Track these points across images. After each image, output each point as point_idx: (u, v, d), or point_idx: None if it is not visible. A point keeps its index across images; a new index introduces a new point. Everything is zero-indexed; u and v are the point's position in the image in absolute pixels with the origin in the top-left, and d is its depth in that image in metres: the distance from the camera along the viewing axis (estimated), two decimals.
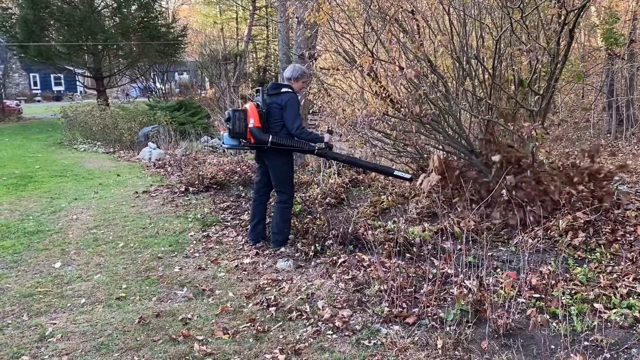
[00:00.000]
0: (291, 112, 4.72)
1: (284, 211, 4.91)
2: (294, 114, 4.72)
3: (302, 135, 4.75)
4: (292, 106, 4.72)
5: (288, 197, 4.94)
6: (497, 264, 4.14)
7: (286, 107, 4.72)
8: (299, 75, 4.90)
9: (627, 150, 13.27)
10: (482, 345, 2.97)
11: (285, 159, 4.89)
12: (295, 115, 4.72)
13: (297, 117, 4.72)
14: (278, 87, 4.88)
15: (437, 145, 6.13)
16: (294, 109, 4.73)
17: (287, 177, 4.94)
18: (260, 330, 3.35)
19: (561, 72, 4.90)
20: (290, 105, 4.72)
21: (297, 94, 4.87)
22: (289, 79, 4.89)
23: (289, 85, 4.88)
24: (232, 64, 23.45)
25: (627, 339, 2.95)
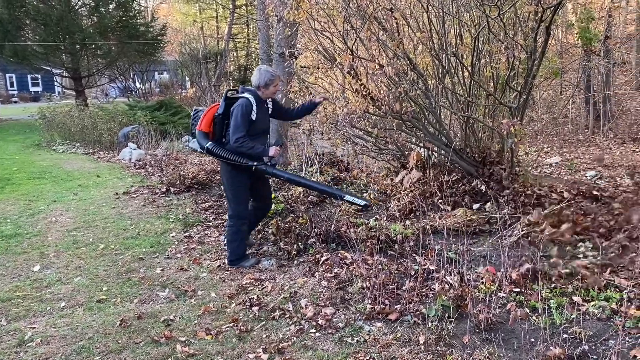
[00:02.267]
0: (234, 121, 4.25)
1: (228, 230, 4.56)
2: (236, 124, 4.23)
3: (242, 149, 4.26)
4: (236, 115, 4.24)
5: (232, 214, 4.51)
6: (478, 259, 4.18)
7: (231, 115, 4.31)
8: (268, 81, 4.35)
9: (604, 145, 13.50)
10: (464, 340, 3.00)
11: (229, 171, 4.44)
12: (236, 126, 4.23)
13: (237, 128, 4.22)
14: (242, 91, 4.46)
15: (418, 143, 6.17)
16: (237, 119, 4.24)
17: (231, 192, 4.50)
18: (243, 330, 3.34)
19: (538, 69, 4.97)
20: (235, 113, 4.26)
21: (251, 103, 4.30)
22: (257, 87, 4.38)
23: (252, 90, 4.40)
24: (213, 63, 23.30)
25: (604, 331, 3.00)
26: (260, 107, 4.39)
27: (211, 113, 4.44)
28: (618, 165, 10.93)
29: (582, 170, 10.54)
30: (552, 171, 10.83)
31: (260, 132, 4.52)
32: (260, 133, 4.51)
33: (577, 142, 14.16)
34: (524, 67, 4.95)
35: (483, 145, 5.59)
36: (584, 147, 13.55)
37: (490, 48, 5.08)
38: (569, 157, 12.13)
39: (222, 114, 4.40)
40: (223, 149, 4.37)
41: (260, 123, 4.42)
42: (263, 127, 4.55)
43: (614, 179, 8.92)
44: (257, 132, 4.44)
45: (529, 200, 4.82)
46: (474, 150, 5.60)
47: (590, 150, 13.12)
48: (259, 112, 4.38)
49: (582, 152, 12.94)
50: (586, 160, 11.87)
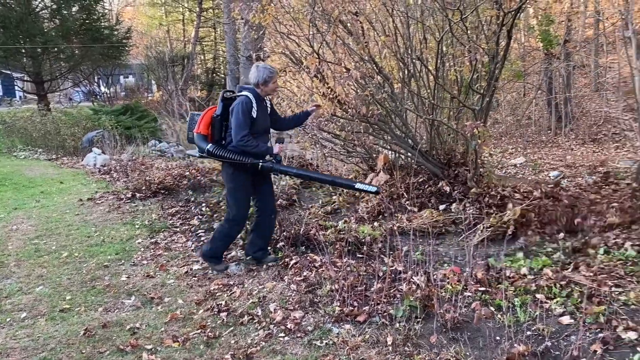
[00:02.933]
0: (235, 119, 4.11)
1: (219, 229, 4.49)
2: (237, 122, 4.10)
3: (248, 148, 4.14)
4: (237, 113, 4.11)
5: (229, 218, 4.39)
6: (444, 260, 4.24)
7: (232, 114, 4.18)
8: (267, 78, 4.20)
9: (566, 146, 13.89)
10: (431, 340, 3.04)
11: (230, 173, 4.31)
12: (238, 124, 4.09)
13: (240, 127, 4.09)
14: (240, 90, 4.31)
15: (385, 145, 6.23)
16: (238, 117, 4.10)
17: (232, 195, 4.35)
18: (211, 336, 3.31)
19: (501, 72, 5.07)
20: (235, 112, 4.13)
21: (251, 100, 4.17)
22: (256, 84, 4.22)
23: (250, 88, 4.26)
24: (180, 66, 23.06)
25: (566, 327, 3.07)
26: (260, 105, 4.24)
27: (209, 115, 4.31)
28: (580, 165, 11.26)
29: (545, 171, 10.82)
30: (516, 172, 11.08)
31: (262, 131, 4.36)
32: (261, 132, 4.35)
33: (540, 143, 14.53)
34: (487, 70, 5.05)
35: (448, 147, 5.68)
36: (547, 148, 13.91)
37: (454, 52, 5.17)
38: (532, 158, 12.43)
39: (220, 114, 4.28)
40: (225, 150, 4.23)
41: (261, 121, 4.27)
42: (264, 126, 4.38)
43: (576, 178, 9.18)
44: (259, 130, 4.28)
45: (493, 200, 4.92)
46: (439, 152, 5.68)
47: (553, 151, 13.48)
48: (259, 110, 4.22)
49: (545, 153, 13.29)
50: (549, 161, 12.19)
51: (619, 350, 2.77)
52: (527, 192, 5.06)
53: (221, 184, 7.39)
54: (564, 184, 7.16)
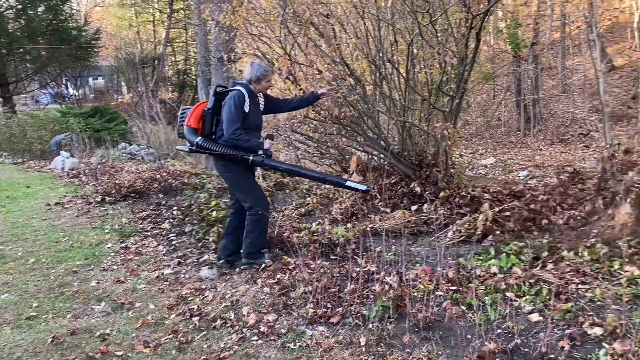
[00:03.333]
0: (227, 113, 4.11)
1: (248, 220, 4.34)
2: (230, 116, 4.10)
3: (239, 141, 4.14)
4: (229, 107, 4.11)
5: (250, 205, 4.28)
6: (416, 260, 4.28)
7: (223, 108, 4.18)
8: (260, 75, 4.20)
9: (535, 146, 14.19)
10: (404, 340, 3.06)
11: (224, 165, 4.33)
12: (230, 118, 4.10)
13: (232, 120, 4.09)
14: (233, 85, 4.31)
15: (358, 147, 6.26)
16: (230, 111, 4.10)
17: (236, 185, 4.35)
18: (183, 341, 3.27)
19: (470, 74, 5.15)
20: (227, 106, 4.13)
21: (243, 94, 4.17)
22: (249, 80, 4.23)
23: (243, 83, 4.26)
24: (150, 68, 22.76)
25: (535, 325, 3.13)
26: (252, 100, 4.23)
27: (200, 108, 4.29)
28: (548, 165, 11.52)
29: (515, 171, 11.04)
30: (487, 172, 11.28)
31: (254, 127, 4.33)
32: (253, 128, 4.32)
33: (510, 143, 14.81)
34: (456, 73, 5.12)
35: (419, 149, 5.74)
36: (516, 149, 14.20)
37: (424, 54, 5.23)
38: (502, 158, 12.66)
39: (211, 108, 4.25)
40: (215, 143, 4.21)
41: (253, 117, 4.26)
42: (256, 122, 4.37)
43: (544, 178, 9.38)
44: (250, 126, 4.26)
45: (463, 200, 4.99)
46: (411, 153, 5.73)
47: (522, 152, 13.76)
48: (252, 105, 4.21)
49: (514, 153, 13.55)
50: (519, 161, 12.43)
51: (586, 346, 2.84)
52: (496, 192, 5.15)
53: (192, 187, 7.32)
54: (533, 184, 7.32)
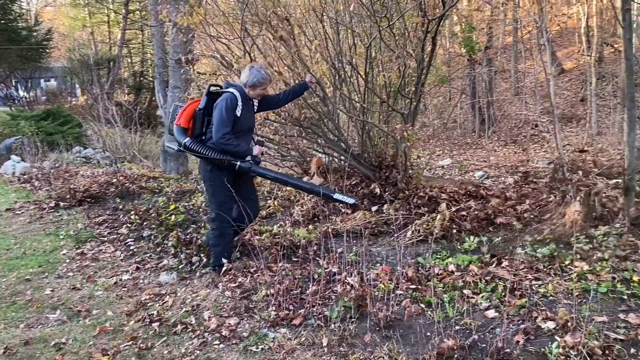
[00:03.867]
0: (218, 116, 3.99)
1: (211, 234, 4.35)
2: (220, 119, 3.98)
3: (227, 146, 4.02)
4: (220, 110, 3.99)
5: (213, 217, 4.26)
6: (377, 260, 4.34)
7: (214, 110, 4.07)
8: (257, 82, 4.11)
9: (489, 147, 14.57)
10: (365, 339, 3.10)
11: (208, 170, 4.20)
12: (221, 122, 3.98)
13: (222, 124, 3.97)
14: (227, 86, 4.21)
15: (319, 149, 6.29)
16: (221, 114, 3.98)
17: (211, 192, 4.26)
18: (143, 347, 3.21)
19: (426, 77, 5.26)
20: (219, 108, 4.01)
21: (236, 97, 4.06)
22: (244, 84, 4.14)
23: (238, 86, 4.16)
24: (105, 70, 22.19)
25: (492, 320, 3.23)
26: (245, 103, 4.12)
27: (192, 108, 4.16)
28: (502, 165, 11.85)
29: (471, 171, 11.30)
30: (444, 173, 11.51)
31: (245, 130, 4.24)
32: (245, 131, 4.23)
33: (466, 145, 15.17)
34: (414, 76, 5.22)
35: (379, 150, 5.82)
36: (472, 150, 14.54)
37: (382, 57, 5.31)
38: (459, 159, 12.95)
39: (203, 108, 4.13)
40: (203, 146, 4.10)
41: (244, 120, 4.15)
42: (248, 126, 4.27)
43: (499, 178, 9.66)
44: (242, 130, 4.17)
45: (421, 201, 5.09)
46: (370, 155, 5.81)
47: (477, 153, 14.11)
48: (244, 108, 4.10)
49: (470, 154, 13.88)
50: (474, 162, 12.74)
51: (539, 340, 2.95)
52: (453, 192, 5.28)
53: (150, 191, 7.20)
54: (488, 184, 7.52)
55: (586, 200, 4.42)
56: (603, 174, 6.27)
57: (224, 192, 4.18)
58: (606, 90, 14.98)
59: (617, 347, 2.75)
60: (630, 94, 4.23)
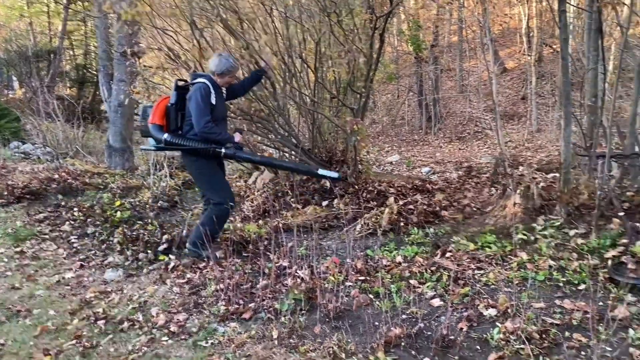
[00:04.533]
0: (196, 106, 3.99)
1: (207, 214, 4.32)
2: (197, 109, 3.99)
3: (211, 135, 4.06)
4: (197, 100, 3.99)
5: (218, 201, 4.24)
6: (327, 253, 4.39)
7: (190, 101, 4.06)
8: (225, 71, 4.16)
9: (435, 144, 14.95)
10: (315, 330, 3.13)
11: (194, 161, 4.25)
12: (199, 111, 3.98)
13: (202, 113, 3.98)
14: (195, 77, 4.22)
15: (270, 144, 6.28)
16: (198, 103, 3.99)
17: (205, 181, 4.30)
18: (87, 346, 3.13)
19: (375, 73, 5.35)
20: (194, 98, 4.01)
21: (209, 86, 4.08)
22: (212, 72, 4.17)
23: (206, 75, 4.18)
24: (46, 62, 21.29)
25: (437, 309, 3.34)
26: (217, 92, 4.15)
27: (163, 104, 4.17)
28: (448, 161, 12.18)
29: (418, 167, 11.57)
30: (392, 169, 11.73)
31: (220, 118, 4.24)
32: (220, 119, 4.24)
33: (413, 141, 15.50)
34: (363, 72, 5.30)
35: (329, 146, 5.88)
36: (419, 146, 14.88)
37: (332, 53, 5.36)
38: (406, 155, 13.22)
39: (175, 103, 4.12)
40: (183, 138, 4.11)
41: (219, 108, 4.18)
42: (222, 114, 4.29)
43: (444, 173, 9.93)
44: (218, 117, 4.17)
45: (370, 195, 5.19)
46: (321, 150, 5.86)
47: (424, 149, 14.45)
48: (217, 96, 4.13)
49: (417, 151, 14.21)
50: (421, 158, 13.05)
51: (482, 326, 3.07)
52: (400, 186, 5.40)
53: (94, 187, 6.99)
54: (433, 179, 7.73)
55: (525, 193, 4.62)
56: (542, 168, 6.58)
57: (218, 176, 4.29)
58: (545, 89, 15.66)
59: (553, 331, 2.90)
60: (566, 92, 4.45)
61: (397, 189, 5.54)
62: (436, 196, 5.26)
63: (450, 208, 4.98)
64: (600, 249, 3.92)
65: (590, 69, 4.74)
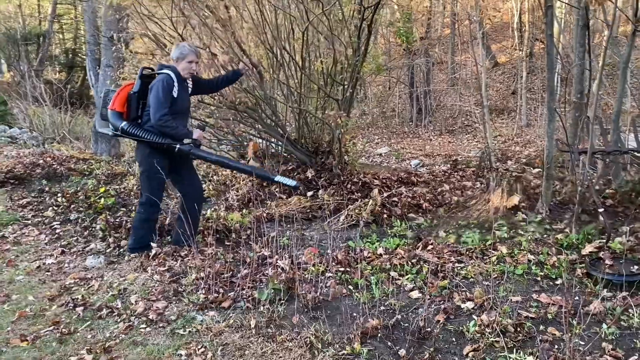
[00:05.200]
0: (155, 98, 3.95)
1: (136, 217, 4.31)
2: (156, 101, 3.94)
3: (166, 129, 3.98)
4: (156, 91, 3.95)
5: (143, 201, 4.19)
6: (310, 244, 4.39)
7: (151, 91, 4.01)
8: (179, 55, 4.07)
9: (425, 136, 14.98)
10: (293, 320, 3.14)
11: (146, 154, 4.11)
12: (158, 103, 3.94)
13: (160, 105, 3.93)
14: (160, 68, 4.16)
15: (256, 134, 6.27)
16: (158, 95, 3.94)
17: (146, 176, 4.17)
18: (65, 332, 3.12)
19: (362, 65, 5.34)
20: (155, 89, 3.96)
21: (172, 78, 4.02)
22: (175, 60, 4.10)
23: (171, 67, 4.10)
24: (35, 45, 21.04)
25: (415, 301, 3.36)
26: (181, 84, 4.07)
27: (125, 91, 4.09)
28: (437, 154, 12.22)
29: (407, 159, 11.60)
30: (381, 160, 11.75)
31: (181, 111, 4.17)
32: (181, 112, 4.16)
33: (403, 133, 15.51)
34: (350, 63, 5.28)
35: (316, 137, 5.87)
36: (409, 138, 14.90)
37: (320, 44, 5.34)
38: (396, 148, 13.24)
39: (137, 92, 4.06)
40: (141, 129, 4.04)
41: (181, 101, 4.10)
42: (184, 106, 4.22)
43: (433, 166, 9.96)
44: (178, 111, 4.10)
45: (355, 187, 5.20)
46: (307, 140, 5.85)
47: (414, 141, 14.48)
48: (180, 89, 4.06)
49: (407, 143, 14.23)
50: (411, 150, 13.08)
51: (459, 319, 3.10)
52: (385, 178, 5.41)
53: (79, 173, 6.95)
54: (422, 172, 7.76)
55: (508, 188, 4.65)
56: (529, 163, 6.62)
57: (159, 177, 4.13)
58: (535, 84, 15.71)
59: (528, 325, 2.94)
60: (550, 87, 4.48)
61: (382, 180, 5.55)
62: (420, 189, 5.29)
63: (433, 201, 5.00)
64: (579, 244, 3.97)
65: (575, 65, 4.77)
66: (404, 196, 5.02)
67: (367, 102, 16.61)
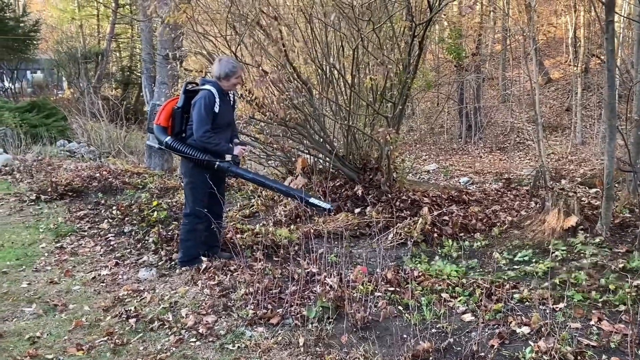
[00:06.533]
0: (197, 114, 4.01)
1: (182, 229, 4.38)
2: (198, 118, 4.01)
3: (209, 145, 4.07)
4: (199, 107, 4.01)
5: (188, 212, 4.30)
6: (358, 261, 4.35)
7: (194, 106, 4.07)
8: (229, 72, 4.09)
9: (475, 153, 14.68)
10: (342, 340, 3.10)
11: (190, 168, 4.23)
12: (200, 119, 4.01)
13: (202, 122, 4.01)
14: (203, 83, 4.23)
15: (304, 150, 6.30)
16: (199, 112, 4.01)
17: (190, 189, 4.28)
18: (118, 343, 3.19)
19: (412, 81, 5.29)
20: (197, 106, 4.02)
21: (213, 94, 4.07)
22: (217, 77, 4.12)
23: (212, 82, 4.15)
24: (93, 63, 22.02)
25: (468, 325, 3.26)
26: (222, 99, 4.14)
27: (170, 106, 4.19)
28: (487, 172, 11.95)
29: (456, 177, 11.38)
30: (429, 177, 11.58)
31: (224, 125, 4.25)
32: (224, 126, 4.25)
33: (452, 150, 15.27)
34: (400, 80, 5.25)
35: (364, 153, 5.84)
36: (457, 155, 14.65)
37: (369, 60, 5.33)
38: (444, 165, 13.03)
39: (181, 107, 4.16)
40: (184, 144, 4.14)
41: (223, 116, 4.18)
42: (227, 121, 4.29)
43: (484, 184, 9.73)
44: (221, 125, 4.18)
45: (404, 204, 5.12)
46: (355, 157, 5.83)
47: (463, 158, 14.22)
48: (222, 104, 4.13)
49: (456, 160, 13.99)
50: (460, 167, 12.84)
51: (514, 345, 2.98)
52: (436, 196, 5.31)
53: (133, 186, 7.15)
54: (473, 190, 7.58)
55: (566, 208, 4.47)
56: (585, 182, 6.36)
57: (204, 189, 4.21)
58: (591, 101, 15.18)
59: (589, 353, 2.78)
60: (611, 104, 4.30)
61: (432, 198, 5.45)
62: (472, 208, 5.15)
63: (486, 220, 4.86)
64: None
65: (637, 82, 4.56)
66: (455, 215, 4.91)
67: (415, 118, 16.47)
